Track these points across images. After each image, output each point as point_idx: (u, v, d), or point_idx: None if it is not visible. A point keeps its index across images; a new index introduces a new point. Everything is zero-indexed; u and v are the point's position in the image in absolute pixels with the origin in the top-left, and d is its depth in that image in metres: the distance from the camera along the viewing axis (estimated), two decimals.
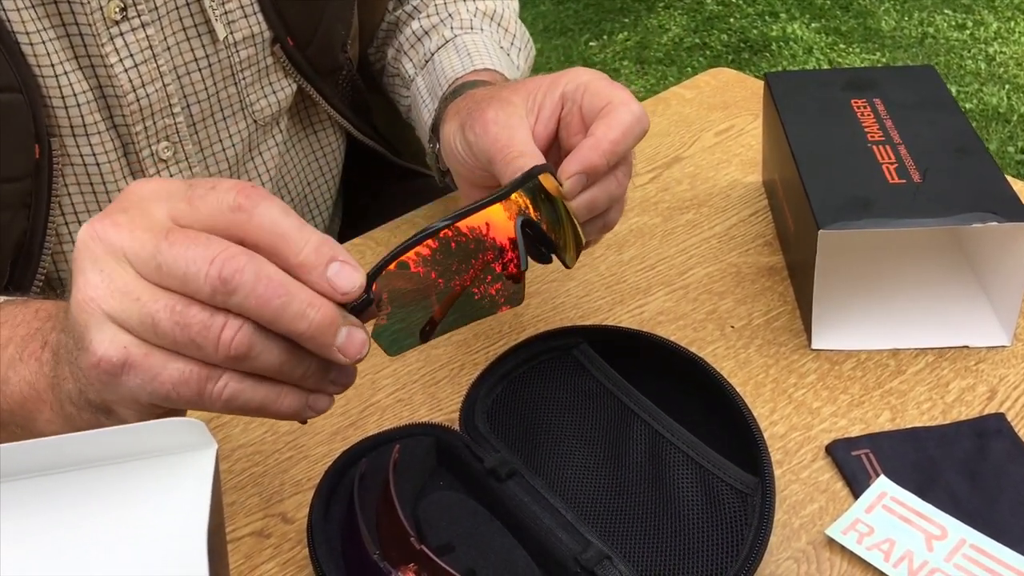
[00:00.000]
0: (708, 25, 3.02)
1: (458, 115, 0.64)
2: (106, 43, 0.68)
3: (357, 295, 0.44)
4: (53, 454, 0.38)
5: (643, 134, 0.59)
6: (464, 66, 0.76)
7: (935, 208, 0.67)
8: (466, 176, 0.65)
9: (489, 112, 0.60)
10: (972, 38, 2.87)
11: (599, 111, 0.59)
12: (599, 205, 0.59)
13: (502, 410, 0.62)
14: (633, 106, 0.58)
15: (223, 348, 0.42)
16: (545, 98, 0.61)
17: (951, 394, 0.67)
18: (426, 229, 0.47)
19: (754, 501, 0.54)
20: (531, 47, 0.89)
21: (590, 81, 0.60)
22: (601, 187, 0.59)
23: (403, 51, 0.86)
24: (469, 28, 0.83)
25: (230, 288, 0.41)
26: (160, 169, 0.74)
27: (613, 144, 0.57)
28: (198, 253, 0.41)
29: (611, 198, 0.60)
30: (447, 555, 0.54)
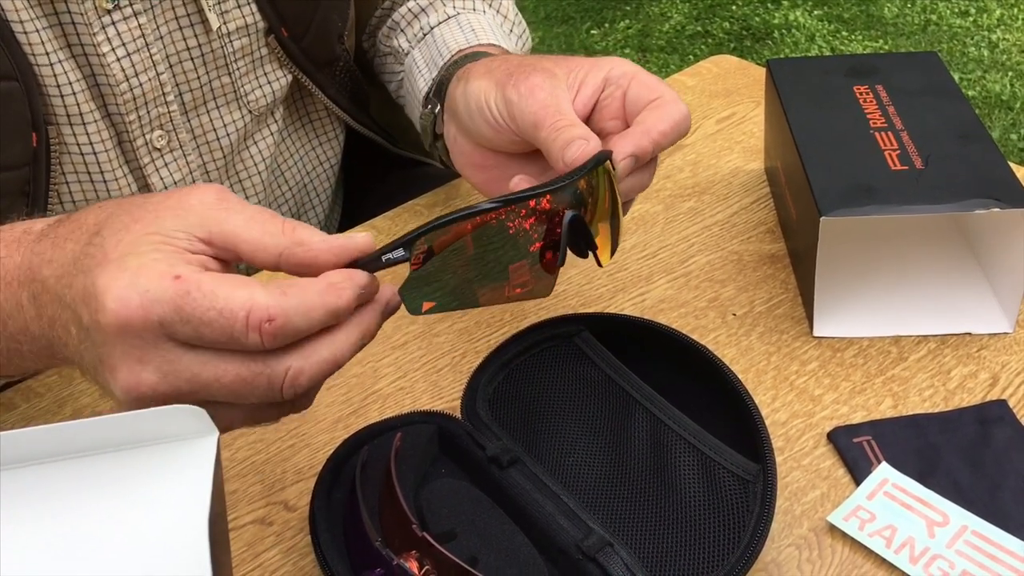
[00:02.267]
0: (710, 13, 3.01)
1: (491, 74, 0.63)
2: (98, 32, 0.68)
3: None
4: (54, 441, 0.38)
5: (685, 134, 0.59)
6: (468, 39, 0.75)
7: (937, 194, 0.67)
8: (487, 136, 0.63)
9: (535, 77, 0.60)
10: (975, 25, 2.86)
11: (648, 102, 0.59)
12: (632, 192, 0.59)
13: (504, 398, 0.62)
14: (682, 105, 0.59)
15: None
16: (587, 76, 0.61)
17: (953, 381, 0.67)
18: (478, 206, 0.47)
19: (756, 488, 0.54)
20: (527, 37, 0.89)
21: (639, 72, 0.60)
22: (638, 176, 0.59)
23: (398, 28, 0.85)
24: (472, 9, 0.83)
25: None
26: (154, 158, 0.74)
27: (662, 135, 0.57)
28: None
29: (642, 187, 0.60)
30: (449, 542, 0.54)
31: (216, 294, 0.42)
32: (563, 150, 0.56)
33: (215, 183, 0.48)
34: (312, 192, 0.91)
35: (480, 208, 0.47)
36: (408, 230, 0.47)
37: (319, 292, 0.44)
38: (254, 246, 0.45)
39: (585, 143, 0.56)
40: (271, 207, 0.87)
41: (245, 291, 0.42)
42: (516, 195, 0.49)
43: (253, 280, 0.43)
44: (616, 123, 0.60)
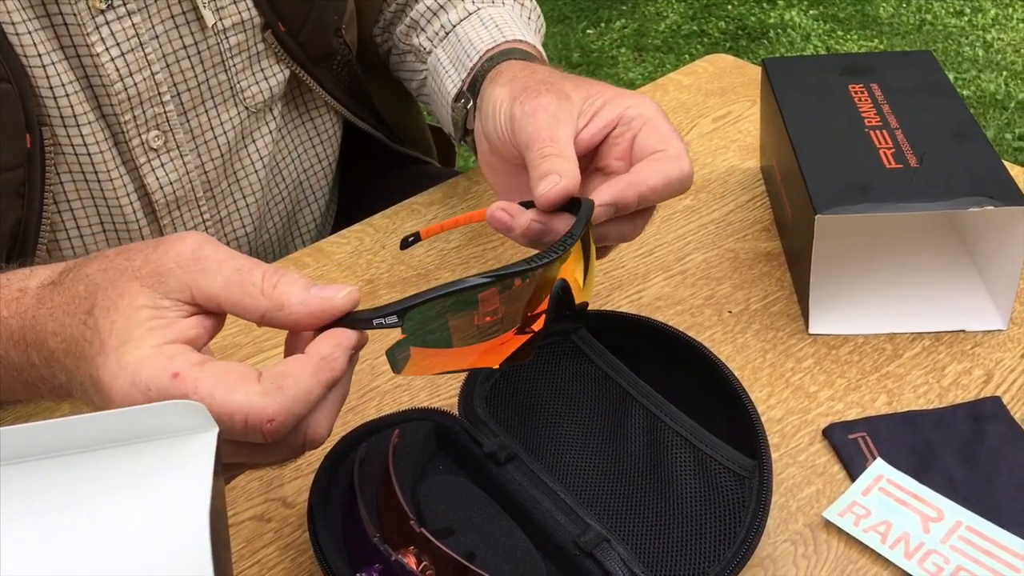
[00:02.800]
0: (706, 12, 3.01)
1: (511, 84, 0.63)
2: (91, 32, 0.68)
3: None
4: (54, 437, 0.38)
5: (682, 193, 0.58)
6: (494, 37, 0.75)
7: (932, 193, 0.68)
8: (496, 144, 0.63)
9: (544, 97, 0.59)
10: (970, 24, 2.87)
11: (652, 151, 0.58)
12: (608, 240, 0.59)
13: (501, 395, 0.62)
14: (684, 163, 0.57)
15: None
16: (604, 108, 0.60)
17: (947, 378, 0.67)
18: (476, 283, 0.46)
19: (752, 484, 0.54)
20: (542, 21, 0.88)
21: (654, 117, 0.59)
22: (617, 225, 0.58)
23: (418, 27, 0.85)
24: (491, 2, 0.82)
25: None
26: (151, 158, 0.74)
27: (651, 190, 0.56)
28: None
29: (621, 238, 0.59)
30: (447, 538, 0.55)
31: (214, 397, 0.42)
32: (539, 180, 0.55)
33: (194, 231, 0.47)
34: (308, 189, 0.91)
35: (475, 284, 0.46)
36: (402, 298, 0.46)
37: (314, 373, 0.44)
38: (234, 307, 0.45)
39: (558, 180, 0.55)
40: (268, 206, 0.87)
41: (242, 393, 0.42)
42: (510, 271, 0.48)
43: (251, 375, 0.43)
44: (621, 164, 0.59)
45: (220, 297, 0.45)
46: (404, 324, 0.46)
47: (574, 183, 0.55)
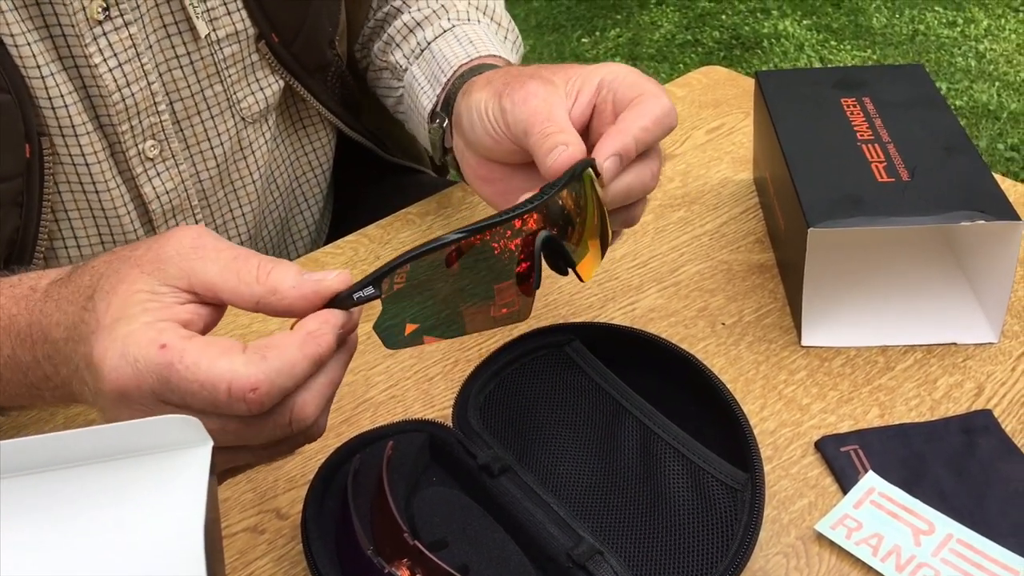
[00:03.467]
0: (700, 22, 3.02)
1: (490, 84, 0.64)
2: (89, 43, 0.68)
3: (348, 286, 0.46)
4: (49, 451, 0.39)
5: (671, 127, 0.59)
6: (468, 53, 0.76)
7: (924, 206, 0.68)
8: (488, 147, 0.63)
9: (531, 84, 0.60)
10: (963, 35, 2.88)
11: (629, 100, 0.59)
12: (634, 192, 0.59)
13: (495, 406, 0.63)
14: (663, 99, 0.59)
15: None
16: (583, 84, 0.61)
17: (939, 391, 0.68)
18: (446, 237, 0.47)
19: (744, 496, 0.54)
20: (520, 41, 0.89)
21: (626, 74, 0.60)
22: (635, 174, 0.58)
23: (393, 43, 0.85)
24: (467, 20, 0.83)
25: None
26: (147, 168, 0.74)
27: (643, 131, 0.57)
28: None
29: (644, 187, 0.59)
30: (440, 551, 0.55)
31: (199, 366, 0.43)
32: (546, 156, 0.56)
33: (195, 225, 0.48)
34: (302, 198, 0.91)
35: (447, 240, 0.47)
36: (396, 252, 0.48)
37: (299, 346, 0.45)
38: (231, 294, 0.46)
39: (565, 148, 0.56)
40: (263, 215, 0.87)
41: (226, 361, 0.43)
42: (481, 223, 0.48)
43: (236, 347, 0.44)
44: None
45: (216, 284, 0.46)
46: (383, 295, 0.46)
47: (579, 150, 0.56)
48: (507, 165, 0.63)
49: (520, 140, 0.59)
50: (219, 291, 0.46)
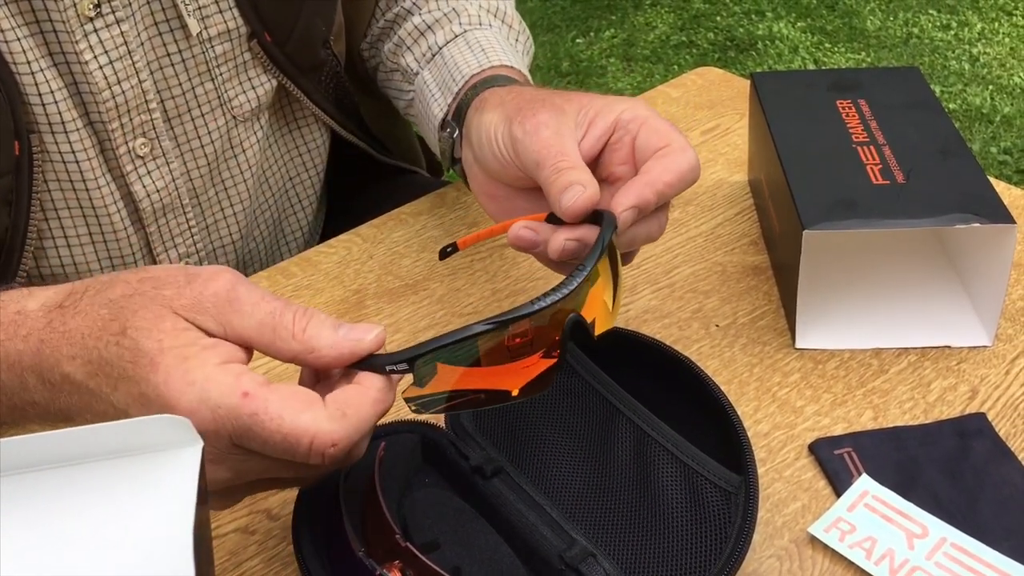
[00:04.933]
0: (695, 23, 3.03)
1: (502, 107, 0.63)
2: (80, 40, 0.67)
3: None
4: (38, 451, 0.38)
5: (693, 183, 0.58)
6: (480, 62, 0.75)
7: (918, 209, 0.68)
8: (495, 169, 0.63)
9: (542, 114, 0.59)
10: (956, 39, 2.89)
11: (656, 150, 0.58)
12: (637, 243, 0.59)
13: (487, 408, 0.62)
14: (691, 153, 0.58)
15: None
16: (598, 117, 0.60)
17: (933, 394, 0.67)
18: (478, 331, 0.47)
19: (738, 499, 0.54)
20: (531, 43, 0.89)
21: (649, 117, 0.59)
22: (644, 226, 0.58)
23: (404, 46, 0.85)
24: (478, 24, 0.82)
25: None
26: (137, 166, 0.74)
27: (667, 186, 0.56)
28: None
29: (648, 238, 0.59)
30: (432, 553, 0.55)
31: (283, 418, 0.44)
32: (561, 193, 0.56)
33: (225, 268, 0.48)
34: (295, 198, 0.91)
35: (481, 331, 0.47)
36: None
37: (372, 405, 0.47)
38: (266, 349, 0.47)
39: (583, 190, 0.55)
40: (255, 214, 0.87)
41: (309, 415, 0.44)
42: (520, 314, 0.48)
43: (317, 400, 0.45)
44: (625, 168, 0.59)
45: (252, 339, 0.47)
46: (415, 371, 0.47)
47: (597, 192, 0.56)
48: (513, 187, 0.63)
49: (529, 171, 0.59)
50: (254, 345, 0.47)
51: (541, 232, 0.58)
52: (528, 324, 0.49)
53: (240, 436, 0.44)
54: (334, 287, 0.78)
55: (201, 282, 0.47)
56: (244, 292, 0.47)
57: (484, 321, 0.47)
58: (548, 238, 0.57)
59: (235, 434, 0.44)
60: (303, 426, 0.44)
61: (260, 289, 0.48)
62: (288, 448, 0.44)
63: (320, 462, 0.45)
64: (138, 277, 0.48)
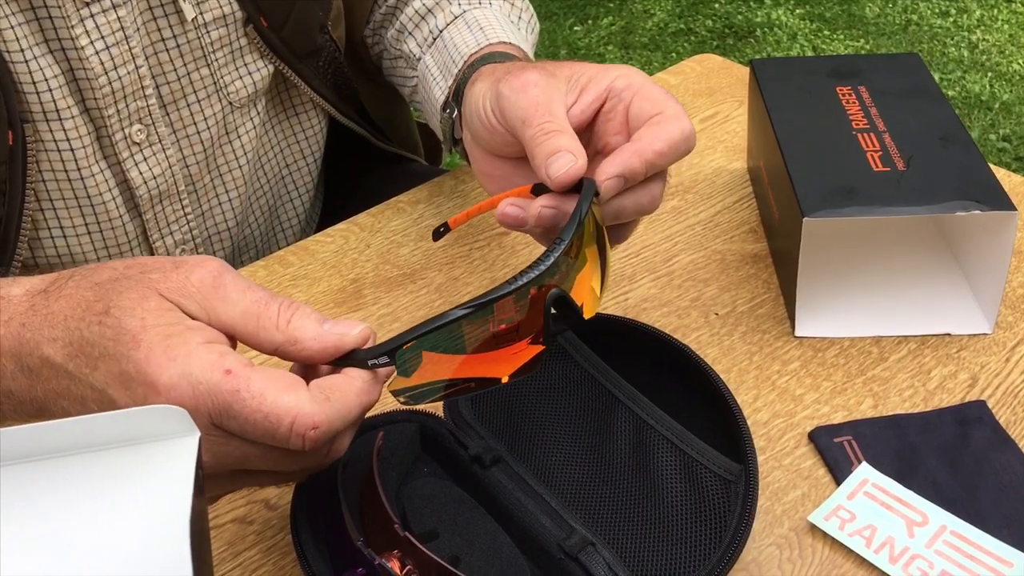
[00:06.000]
0: (693, 10, 3.02)
1: (493, 74, 0.62)
2: (76, 25, 0.67)
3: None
4: (34, 441, 0.38)
5: (687, 152, 0.56)
6: (478, 41, 0.74)
7: (919, 196, 0.68)
8: (484, 139, 0.62)
9: (530, 73, 0.58)
10: (955, 25, 2.88)
11: (648, 117, 0.56)
12: (625, 214, 0.57)
13: (486, 397, 0.62)
14: (685, 122, 0.56)
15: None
16: (590, 83, 0.58)
17: (933, 381, 0.67)
18: (458, 316, 0.46)
19: (737, 488, 0.54)
20: (535, 20, 0.87)
21: (643, 84, 0.58)
22: (632, 196, 0.56)
23: (406, 31, 0.84)
24: (477, 3, 0.81)
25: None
26: (133, 152, 0.74)
27: (657, 155, 0.54)
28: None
29: (639, 210, 0.57)
30: (431, 542, 0.54)
31: (265, 396, 0.43)
32: (548, 159, 0.54)
33: (212, 257, 0.48)
34: (292, 185, 0.90)
35: (461, 315, 0.46)
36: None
37: (357, 394, 0.46)
38: (249, 339, 0.47)
39: (573, 161, 0.53)
40: (250, 201, 0.86)
41: (292, 397, 0.44)
42: (497, 294, 0.47)
43: (300, 383, 0.45)
44: (619, 138, 0.58)
45: (236, 327, 0.46)
46: (397, 361, 0.47)
47: (584, 162, 0.54)
48: (508, 161, 0.62)
49: (516, 130, 0.57)
50: (237, 334, 0.46)
51: (528, 208, 0.56)
52: (513, 310, 0.48)
53: (220, 414, 0.44)
54: (331, 276, 0.78)
55: (188, 268, 0.46)
56: (230, 280, 0.47)
57: (462, 306, 0.46)
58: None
59: (215, 412, 0.44)
60: (284, 405, 0.43)
61: (246, 279, 0.47)
62: (268, 429, 0.43)
63: (300, 446, 0.44)
64: (125, 264, 0.48)
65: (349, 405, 0.45)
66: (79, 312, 0.46)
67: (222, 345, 0.45)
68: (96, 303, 0.46)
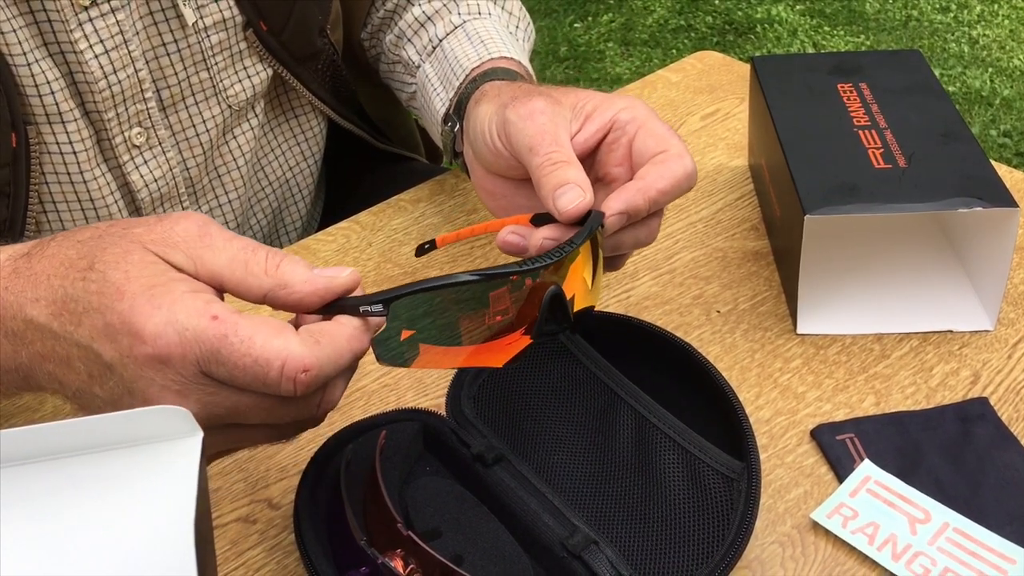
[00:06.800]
0: (693, 7, 3.01)
1: (499, 97, 0.62)
2: (75, 29, 0.67)
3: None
4: (38, 442, 0.38)
5: (689, 190, 0.57)
6: (480, 55, 0.74)
7: (920, 193, 0.68)
8: (489, 160, 0.62)
9: (537, 101, 0.58)
10: (956, 21, 2.88)
11: (652, 155, 0.57)
12: (624, 248, 0.58)
13: (488, 395, 0.62)
14: (687, 161, 0.57)
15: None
16: (595, 113, 0.59)
17: (935, 378, 0.67)
18: (460, 276, 0.46)
19: (740, 486, 0.54)
20: (531, 28, 0.88)
21: (648, 119, 0.58)
22: (632, 232, 0.57)
23: (405, 38, 0.84)
24: (477, 13, 0.81)
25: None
26: (133, 155, 0.74)
27: (660, 193, 0.56)
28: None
29: (636, 244, 0.58)
30: (434, 540, 0.54)
31: (253, 340, 0.43)
32: (555, 192, 0.55)
33: (196, 212, 0.47)
34: (294, 187, 0.90)
35: (463, 279, 0.46)
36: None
37: (347, 339, 0.45)
38: (238, 286, 0.46)
39: (582, 196, 0.54)
40: (252, 203, 0.86)
41: (281, 340, 0.43)
42: (501, 270, 0.47)
43: (289, 327, 0.44)
44: (621, 170, 0.58)
45: (223, 275, 0.45)
46: (389, 314, 0.46)
47: (591, 198, 0.55)
48: (510, 181, 0.62)
49: (521, 156, 0.58)
50: (225, 282, 0.45)
51: (530, 239, 0.57)
52: (509, 300, 0.48)
53: (208, 361, 0.43)
54: None
55: (172, 220, 0.46)
56: (216, 230, 0.46)
57: (471, 272, 0.46)
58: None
59: (203, 359, 0.43)
60: (274, 348, 0.42)
61: (231, 231, 0.47)
62: (258, 374, 0.43)
63: (291, 390, 0.43)
64: (108, 223, 0.47)
65: (340, 350, 0.45)
66: (62, 270, 0.45)
67: (208, 293, 0.44)
68: (80, 260, 0.45)
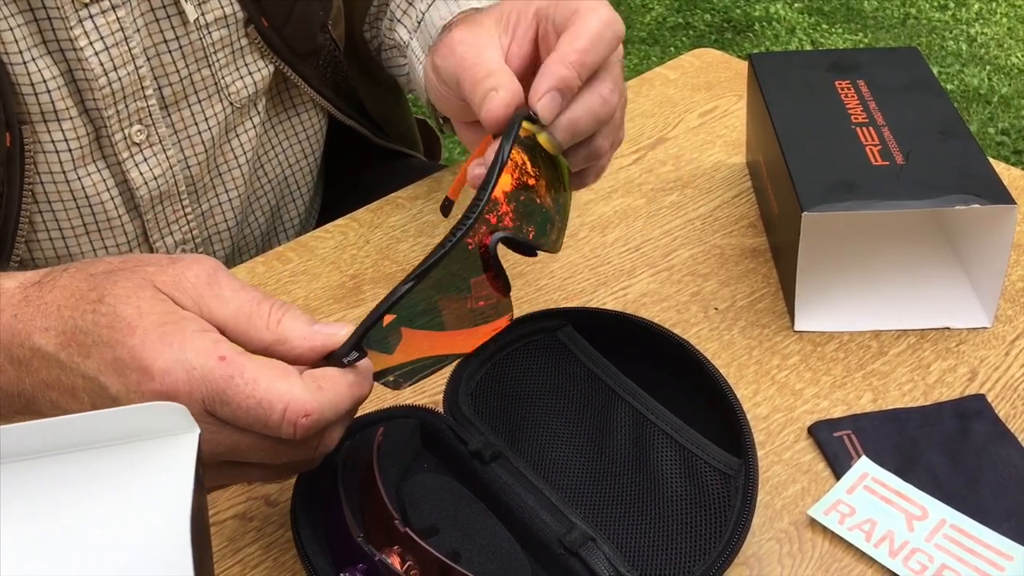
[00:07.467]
0: (691, 4, 3.01)
1: (435, 48, 0.61)
2: (75, 26, 0.66)
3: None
4: (34, 438, 0.38)
5: (616, 40, 0.53)
6: (451, 10, 0.73)
7: (918, 190, 0.68)
8: (445, 108, 0.62)
9: (455, 34, 0.57)
10: (954, 19, 2.88)
11: (566, 21, 0.54)
12: (582, 126, 0.54)
13: (486, 392, 0.62)
14: (601, 11, 0.53)
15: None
16: (519, 16, 0.57)
17: (932, 375, 0.67)
18: (402, 292, 0.46)
19: (737, 482, 0.54)
20: None
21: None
22: (581, 104, 0.53)
23: (395, 19, 0.84)
24: None
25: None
26: (133, 153, 0.73)
27: (581, 53, 0.52)
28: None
29: (596, 118, 0.54)
30: (431, 537, 0.54)
31: (258, 383, 0.44)
32: (480, 106, 0.53)
33: (207, 256, 0.48)
34: (294, 183, 0.90)
35: (403, 292, 0.46)
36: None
37: (349, 386, 0.46)
38: (239, 337, 0.47)
39: (495, 94, 0.52)
40: (251, 201, 0.86)
41: (285, 384, 0.44)
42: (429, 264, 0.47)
43: (293, 371, 0.45)
44: None
45: (227, 325, 0.46)
46: (369, 351, 0.47)
47: (512, 91, 0.52)
48: (465, 121, 0.62)
49: (459, 95, 0.57)
50: (228, 332, 0.46)
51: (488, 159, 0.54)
52: (488, 288, 0.49)
53: (213, 400, 0.44)
54: (331, 272, 0.78)
55: (184, 264, 0.47)
56: (224, 279, 0.47)
57: (402, 282, 0.46)
58: None
59: (208, 398, 0.44)
60: (278, 392, 0.44)
61: (240, 280, 0.48)
62: (261, 416, 0.44)
63: (291, 434, 0.44)
64: (121, 259, 0.48)
65: (341, 396, 0.46)
66: (73, 301, 0.46)
67: (216, 333, 0.45)
68: (90, 292, 0.46)
